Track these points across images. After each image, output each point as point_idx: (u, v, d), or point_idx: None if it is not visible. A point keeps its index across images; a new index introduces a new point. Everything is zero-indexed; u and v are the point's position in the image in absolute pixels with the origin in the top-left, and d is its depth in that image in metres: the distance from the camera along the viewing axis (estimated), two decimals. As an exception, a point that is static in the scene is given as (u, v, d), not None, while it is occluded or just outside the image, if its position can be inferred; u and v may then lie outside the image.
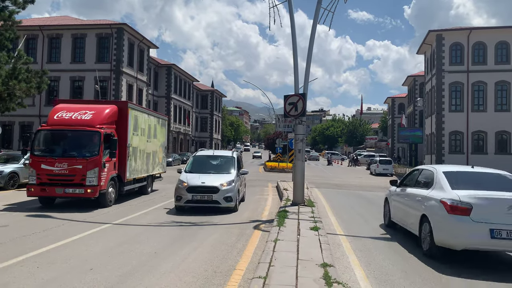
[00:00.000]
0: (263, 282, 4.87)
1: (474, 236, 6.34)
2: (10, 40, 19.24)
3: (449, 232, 6.54)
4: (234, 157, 12.95)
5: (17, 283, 5.20)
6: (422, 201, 7.44)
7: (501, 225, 6.25)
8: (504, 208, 6.32)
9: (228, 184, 11.22)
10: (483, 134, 36.01)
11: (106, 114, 12.14)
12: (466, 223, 6.36)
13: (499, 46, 36.00)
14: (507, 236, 6.21)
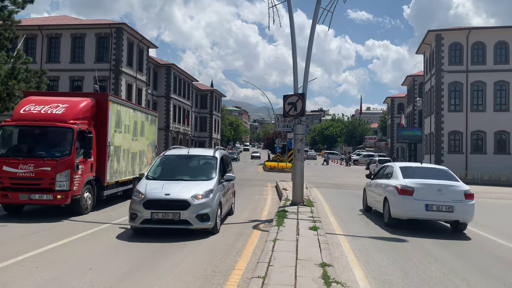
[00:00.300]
0: (262, 282, 4.88)
1: (415, 209, 9.23)
2: (9, 40, 19.22)
3: (399, 207, 9.45)
4: (216, 157, 9.67)
5: (16, 283, 5.21)
6: (385, 188, 10.27)
7: (433, 201, 9.14)
8: (435, 190, 9.22)
9: (204, 196, 8.10)
10: (482, 134, 36.04)
11: (82, 108, 10.56)
12: (410, 201, 9.23)
13: (498, 46, 36.04)
14: (436, 209, 9.15)
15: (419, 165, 11.62)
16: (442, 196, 9.18)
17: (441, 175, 10.04)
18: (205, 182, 8.66)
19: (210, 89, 77.67)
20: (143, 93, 44.02)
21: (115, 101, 12.06)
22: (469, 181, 32.03)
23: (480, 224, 11.17)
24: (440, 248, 8.02)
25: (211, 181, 8.72)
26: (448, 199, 9.17)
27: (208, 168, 9.38)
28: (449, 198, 9.18)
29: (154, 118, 16.20)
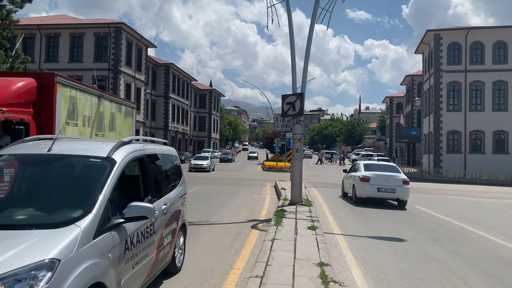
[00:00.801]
0: (260, 281, 4.88)
1: (371, 191, 13.68)
2: (8, 39, 19.22)
3: (361, 190, 13.87)
4: (112, 161, 3.99)
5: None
6: (353, 178, 14.59)
7: (382, 186, 13.55)
8: (384, 178, 13.65)
9: None
10: (481, 133, 36.10)
11: (14, 91, 7.87)
12: (367, 185, 13.66)
13: (496, 46, 36.10)
14: (384, 191, 13.55)
15: (376, 162, 17.42)
16: (388, 182, 13.65)
17: (389, 169, 14.66)
18: (42, 235, 3.06)
19: (209, 89, 77.66)
20: (142, 93, 44.01)
21: (67, 84, 9.03)
22: (467, 180, 32.14)
23: (478, 224, 11.21)
24: (438, 247, 8.04)
25: (66, 232, 3.12)
26: (392, 184, 13.62)
27: (80, 189, 3.83)
28: (392, 184, 13.63)
29: (130, 110, 12.99)
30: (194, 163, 32.54)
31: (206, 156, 35.20)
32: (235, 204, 13.73)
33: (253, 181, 24.39)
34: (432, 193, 20.00)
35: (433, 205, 15.55)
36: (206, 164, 32.38)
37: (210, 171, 32.44)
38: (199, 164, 32.19)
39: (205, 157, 34.39)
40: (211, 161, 33.97)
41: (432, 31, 37.71)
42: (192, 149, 65.86)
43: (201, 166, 32.00)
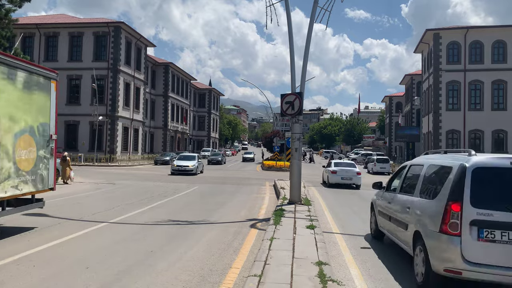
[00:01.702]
0: (258, 280, 4.90)
1: (337, 179, 20.03)
2: (7, 38, 19.22)
3: (331, 179, 20.22)
4: None
5: (13, 281, 5.21)
6: (327, 170, 21.25)
7: (344, 176, 20.03)
8: (345, 171, 20.22)
9: None
10: (480, 132, 36.16)
11: None
12: (335, 176, 20.10)
13: (495, 45, 36.15)
14: (345, 179, 20.05)
15: (342, 161, 24.54)
16: (348, 174, 20.14)
17: (349, 165, 21.44)
18: None
19: (208, 88, 77.64)
20: (141, 92, 43.99)
21: None
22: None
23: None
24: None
25: None
26: (350, 175, 20.10)
27: None
28: (350, 175, 20.12)
29: (43, 81, 8.52)
30: (177, 165, 27.05)
31: (193, 155, 29.46)
32: (234, 203, 13.74)
33: (252, 180, 24.40)
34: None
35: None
36: (192, 165, 26.92)
37: (198, 173, 27.49)
38: (184, 166, 26.76)
39: (191, 157, 28.83)
40: (199, 162, 28.59)
41: (432, 31, 37.74)
42: (191, 148, 65.86)
43: (186, 168, 26.56)
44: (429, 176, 6.00)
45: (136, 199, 13.63)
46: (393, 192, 7.35)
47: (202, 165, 29.71)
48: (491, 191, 4.90)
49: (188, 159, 28.35)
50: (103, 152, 36.87)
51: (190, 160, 27.89)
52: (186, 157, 29.16)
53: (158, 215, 10.58)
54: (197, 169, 27.57)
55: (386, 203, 7.51)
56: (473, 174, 4.90)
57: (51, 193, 13.12)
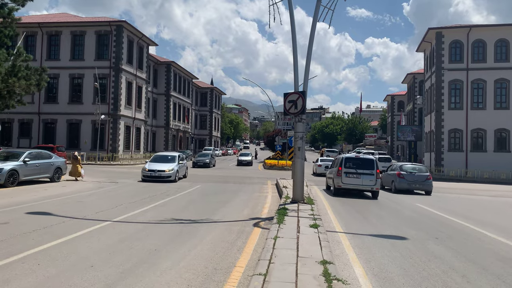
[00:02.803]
0: (263, 279, 4.89)
1: (323, 170, 27.88)
2: (10, 37, 19.24)
3: (318, 170, 30.36)
4: None
5: (18, 280, 5.22)
6: (316, 164, 32.20)
7: (329, 167, 22.05)
8: (328, 163, 27.12)
9: None
10: (482, 132, 36.05)
11: None
12: (321, 167, 29.88)
13: (498, 44, 36.01)
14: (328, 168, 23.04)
15: (326, 158, 34.38)
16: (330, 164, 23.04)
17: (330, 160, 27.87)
18: None
19: (210, 87, 77.64)
20: (143, 91, 44.01)
21: None
22: (469, 179, 32.11)
23: (480, 222, 11.22)
24: (440, 246, 8.05)
25: None
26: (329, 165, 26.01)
27: None
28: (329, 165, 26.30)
29: None
30: (149, 169, 20.49)
31: (171, 156, 22.68)
32: (237, 202, 13.75)
33: (254, 179, 24.40)
34: (434, 191, 19.92)
35: (435, 203, 15.55)
36: (169, 170, 20.45)
37: (176, 180, 20.84)
38: (158, 171, 20.29)
39: (169, 158, 22.14)
40: (181, 165, 22.14)
41: (434, 29, 37.62)
42: (193, 147, 65.89)
43: (161, 174, 20.19)
44: (349, 159, 17.11)
45: (139, 198, 13.64)
46: (331, 168, 19.26)
47: (185, 169, 23.55)
48: (349, 164, 16.57)
49: (164, 160, 21.66)
50: (105, 151, 36.92)
51: (167, 163, 21.19)
52: (162, 158, 22.22)
53: (161, 214, 10.59)
54: (177, 174, 20.96)
55: (328, 173, 19.59)
56: (345, 159, 16.91)
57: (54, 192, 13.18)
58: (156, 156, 22.86)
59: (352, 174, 16.26)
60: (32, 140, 38.07)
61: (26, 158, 16.63)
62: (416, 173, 19.42)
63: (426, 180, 19.07)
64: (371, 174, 16.09)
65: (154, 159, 22.19)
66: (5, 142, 37.22)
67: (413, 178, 19.14)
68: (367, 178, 16.09)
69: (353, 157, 17.39)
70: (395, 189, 19.34)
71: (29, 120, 38.44)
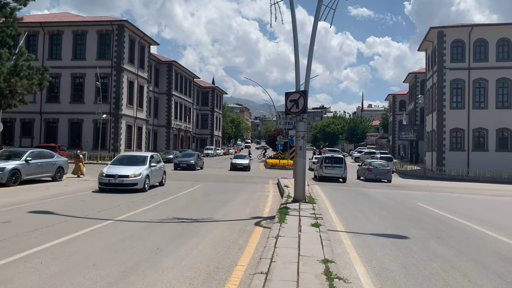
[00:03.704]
0: (265, 277, 4.91)
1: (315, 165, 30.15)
2: (12, 37, 19.27)
3: (312, 166, 33.91)
4: None
5: (21, 278, 5.25)
6: (311, 160, 35.46)
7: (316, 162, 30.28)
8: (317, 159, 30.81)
9: None
10: (484, 131, 36.00)
11: None
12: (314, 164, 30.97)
13: (500, 43, 35.95)
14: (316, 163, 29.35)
15: (318, 156, 35.55)
16: None
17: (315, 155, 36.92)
18: None
19: (211, 86, 77.66)
20: (144, 90, 44.06)
21: None
22: (470, 178, 32.07)
23: (482, 221, 11.22)
24: (442, 245, 8.06)
25: None
26: None
27: None
28: None
29: None
30: (108, 174, 15.02)
31: (141, 157, 17.09)
32: (238, 201, 13.77)
33: (256, 178, 24.42)
34: (435, 190, 19.98)
35: (436, 202, 15.56)
36: (135, 175, 15.03)
37: (146, 188, 15.42)
38: (119, 177, 14.86)
39: (136, 160, 16.56)
40: (152, 169, 16.40)
41: (436, 28, 37.57)
42: (194, 146, 65.93)
43: (122, 182, 14.77)
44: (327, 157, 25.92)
45: (141, 197, 13.67)
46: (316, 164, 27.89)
47: (162, 174, 17.79)
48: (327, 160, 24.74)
49: (131, 162, 16.21)
50: (107, 150, 36.98)
51: (133, 165, 15.76)
52: (128, 159, 16.70)
53: (163, 213, 10.61)
54: (147, 181, 15.52)
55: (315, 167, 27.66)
56: (324, 158, 25.43)
57: (56, 191, 13.21)
58: (121, 157, 17.22)
59: (328, 167, 24.35)
60: (34, 140, 38.14)
61: (28, 157, 16.67)
62: (380, 168, 26.27)
63: (387, 172, 26.00)
64: (341, 167, 24.24)
65: (117, 161, 16.62)
66: (7, 141, 37.31)
67: (378, 171, 25.94)
68: (338, 169, 24.22)
69: (330, 156, 25.81)
70: (366, 179, 26.27)
71: (31, 120, 38.51)
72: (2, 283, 5.06)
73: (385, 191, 19.76)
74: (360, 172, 27.98)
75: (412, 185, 24.35)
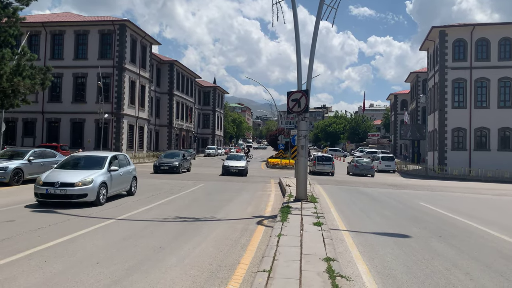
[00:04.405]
0: (267, 275, 4.94)
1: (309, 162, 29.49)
2: (14, 37, 19.31)
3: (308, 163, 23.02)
4: None
5: (25, 276, 5.29)
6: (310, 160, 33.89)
7: None
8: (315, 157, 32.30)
9: None
10: (486, 130, 35.94)
11: None
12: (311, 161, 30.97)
13: (502, 42, 35.87)
14: None
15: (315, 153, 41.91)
16: None
17: None
18: None
19: (213, 86, 77.66)
20: (146, 90, 44.11)
21: None
22: (472, 177, 32.04)
23: (483, 220, 11.23)
24: (443, 243, 8.08)
25: None
26: None
27: None
28: None
29: None
30: (45, 181, 11.11)
31: (101, 157, 12.76)
32: (240, 200, 13.80)
33: (257, 178, 24.45)
34: (437, 190, 19.98)
35: (438, 202, 15.56)
36: (84, 183, 11.05)
37: (101, 201, 11.40)
38: (67, 184, 10.99)
39: (96, 162, 12.45)
40: (114, 175, 12.38)
41: (437, 28, 37.51)
42: (196, 146, 65.98)
43: (65, 192, 10.88)
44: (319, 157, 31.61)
45: (143, 196, 13.71)
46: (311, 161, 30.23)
47: (130, 179, 13.72)
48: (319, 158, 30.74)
49: (84, 165, 12.42)
50: (109, 150, 37.04)
51: (85, 170, 11.90)
52: (83, 161, 12.84)
53: (165, 212, 10.65)
54: (102, 190, 11.56)
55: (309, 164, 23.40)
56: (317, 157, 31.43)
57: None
58: (73, 158, 13.20)
59: (320, 164, 29.98)
60: (36, 139, 38.22)
61: (31, 157, 16.73)
62: (365, 164, 31.38)
63: (371, 168, 30.99)
64: (330, 164, 29.97)
65: (67, 163, 12.65)
66: (9, 141, 37.39)
67: (363, 167, 30.97)
68: (327, 166, 29.91)
69: (321, 156, 32.15)
70: (353, 173, 31.26)
71: (33, 119, 38.60)
72: (7, 281, 5.10)
73: (387, 190, 19.76)
74: (349, 168, 32.79)
75: (414, 185, 24.34)
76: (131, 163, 14.62)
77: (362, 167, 30.88)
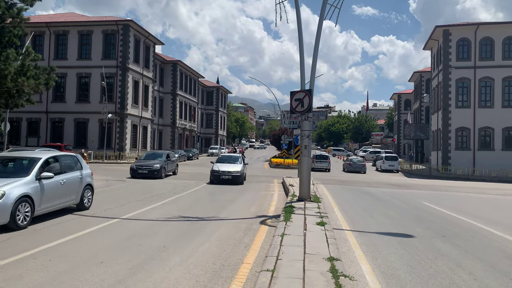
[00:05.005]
0: (271, 275, 4.95)
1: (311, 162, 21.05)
2: (19, 37, 19.40)
3: None
4: None
5: (30, 275, 5.33)
6: None
7: None
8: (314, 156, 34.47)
9: None
10: (490, 130, 35.78)
11: None
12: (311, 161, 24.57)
13: (506, 42, 35.69)
14: None
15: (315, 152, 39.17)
16: None
17: None
18: None
19: (216, 86, 77.70)
20: (149, 90, 44.20)
21: None
22: (476, 177, 31.91)
23: (487, 220, 11.19)
24: (447, 243, 8.06)
25: None
26: None
27: None
28: None
29: None
30: None
31: (30, 159, 9.16)
32: (243, 200, 13.81)
33: (261, 177, 24.46)
34: (441, 190, 19.91)
35: (442, 202, 15.51)
36: None
37: (21, 223, 7.90)
38: None
39: (22, 165, 9.15)
40: (46, 184, 8.80)
41: (441, 27, 37.36)
42: (199, 146, 66.08)
43: None
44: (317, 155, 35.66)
45: (146, 196, 13.76)
46: None
47: (80, 188, 10.39)
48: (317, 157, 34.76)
49: (8, 170, 9.22)
50: (112, 150, 37.14)
51: (4, 178, 8.27)
52: (10, 163, 9.61)
53: (169, 212, 10.68)
54: (24, 207, 8.04)
55: None
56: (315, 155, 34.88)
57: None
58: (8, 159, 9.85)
59: (318, 161, 33.73)
60: (40, 139, 38.38)
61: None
62: (358, 163, 35.26)
63: (363, 166, 34.70)
64: (326, 161, 34.28)
65: None
66: (13, 140, 37.56)
67: (356, 165, 34.76)
68: (324, 163, 34.07)
69: (319, 154, 36.62)
70: (347, 171, 34.76)
71: (37, 119, 38.76)
72: (12, 279, 5.14)
73: (390, 190, 19.72)
74: (344, 166, 36.60)
75: (417, 184, 24.28)
76: (84, 166, 11.05)
77: (355, 165, 35.06)
